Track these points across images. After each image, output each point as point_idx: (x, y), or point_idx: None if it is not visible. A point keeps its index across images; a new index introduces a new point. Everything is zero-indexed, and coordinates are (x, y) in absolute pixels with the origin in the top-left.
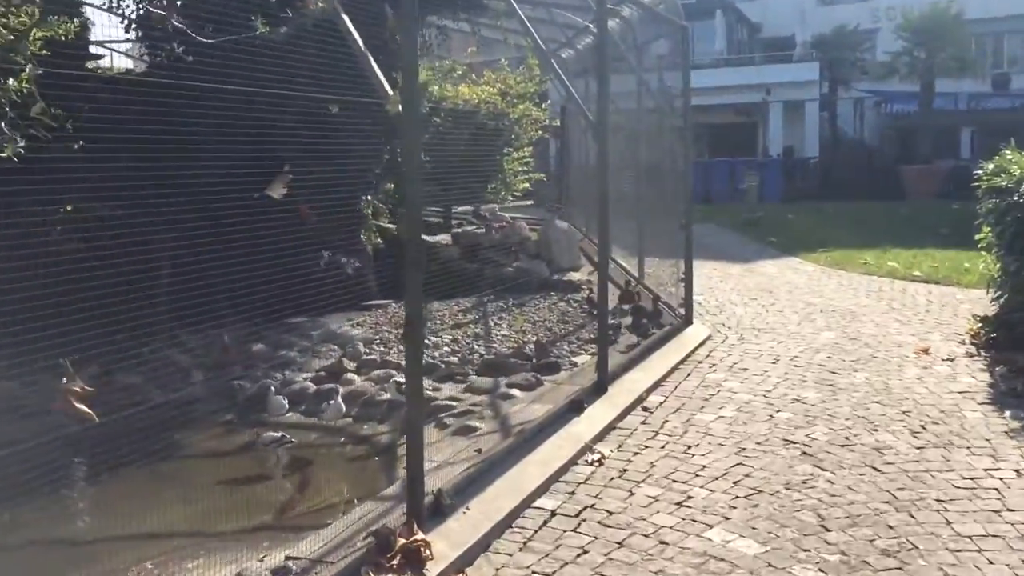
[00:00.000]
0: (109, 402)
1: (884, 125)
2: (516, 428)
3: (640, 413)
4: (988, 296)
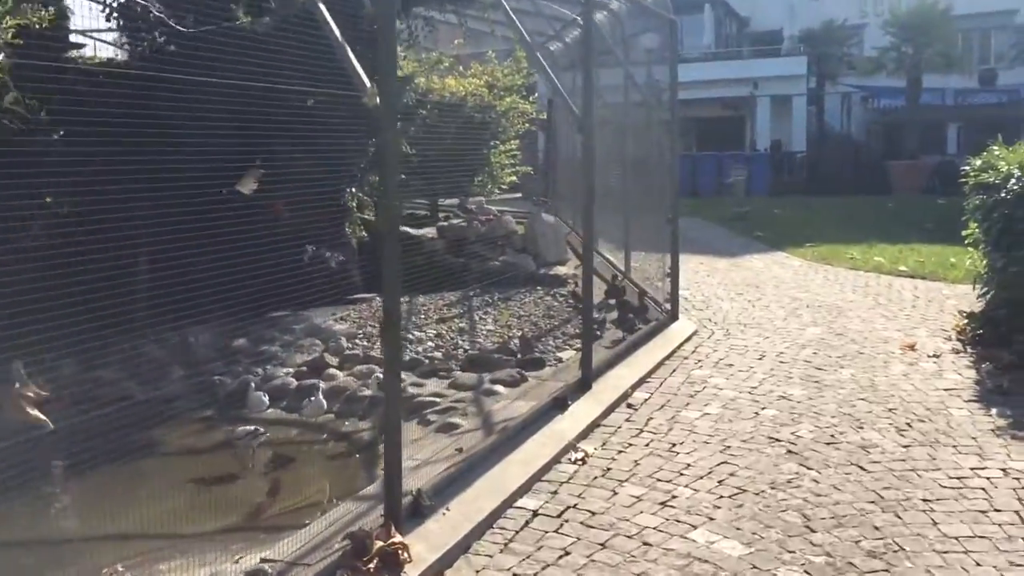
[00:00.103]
0: (84, 399)
1: (871, 120)
2: (499, 426)
3: (625, 410)
4: (974, 292)
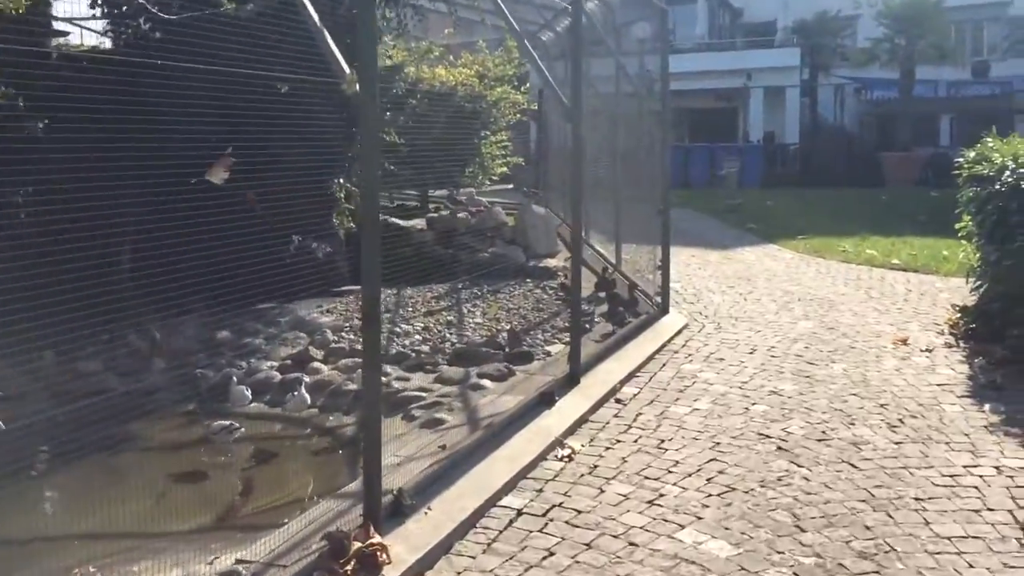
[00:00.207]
0: (63, 391)
1: (864, 112)
2: (485, 421)
3: (613, 405)
4: (967, 285)
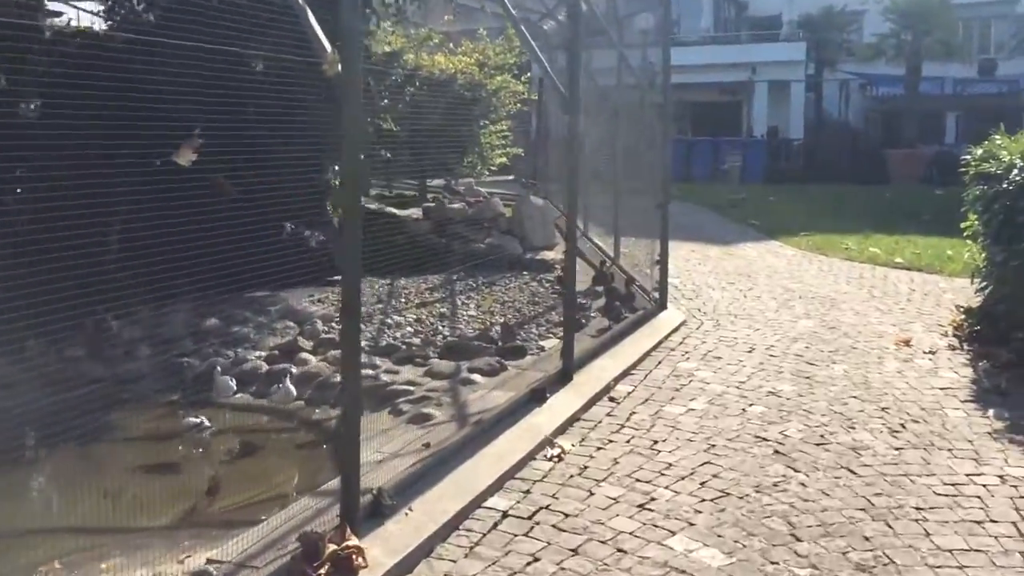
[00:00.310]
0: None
1: (869, 108)
2: (473, 418)
3: (606, 404)
4: (972, 286)
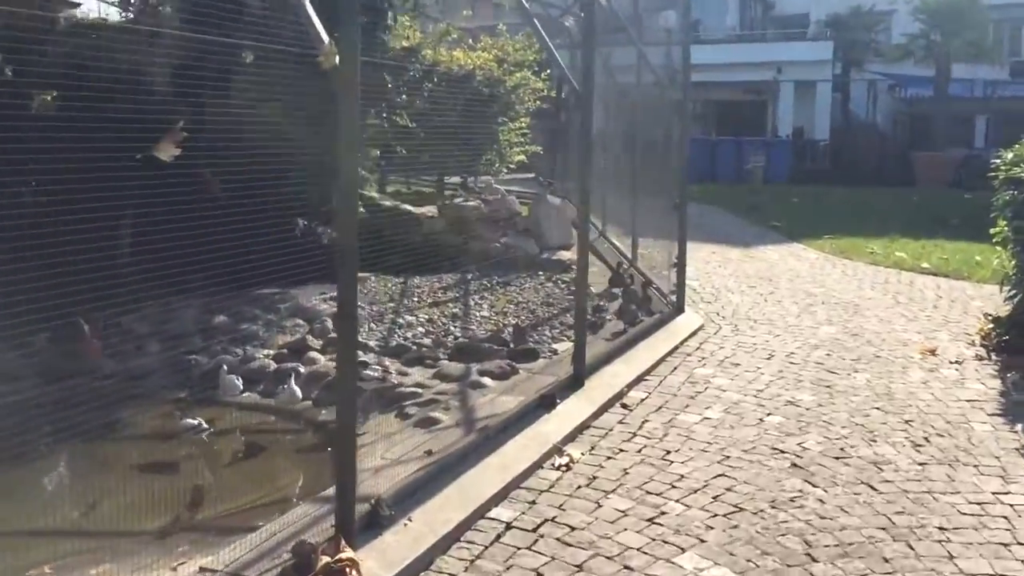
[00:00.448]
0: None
1: (897, 109)
2: (480, 423)
3: (618, 411)
4: (1001, 294)
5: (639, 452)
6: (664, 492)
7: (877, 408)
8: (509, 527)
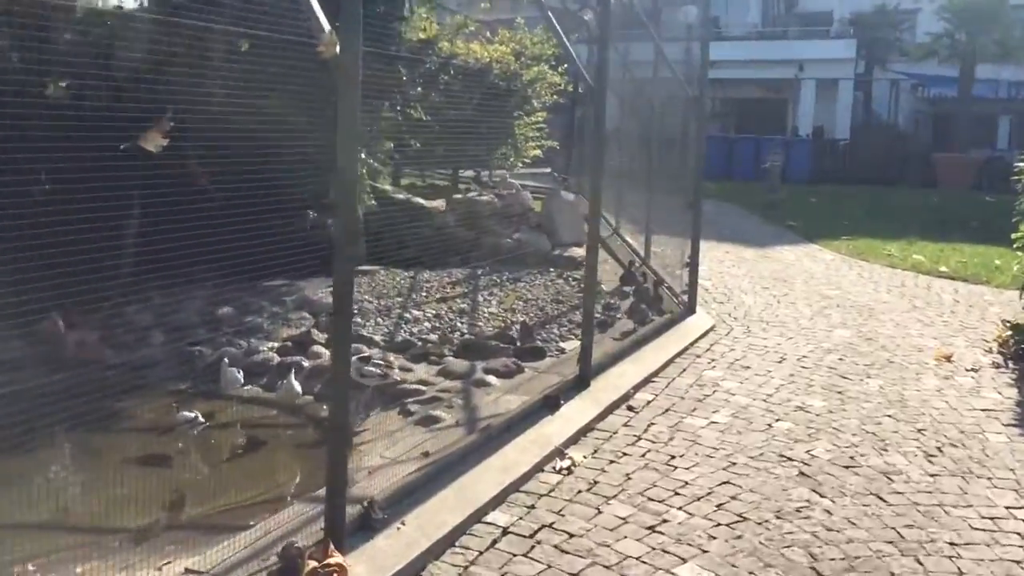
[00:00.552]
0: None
1: (919, 109)
2: (482, 423)
3: (624, 413)
4: (1021, 300)
5: (643, 456)
6: (667, 499)
7: (889, 416)
8: (506, 532)
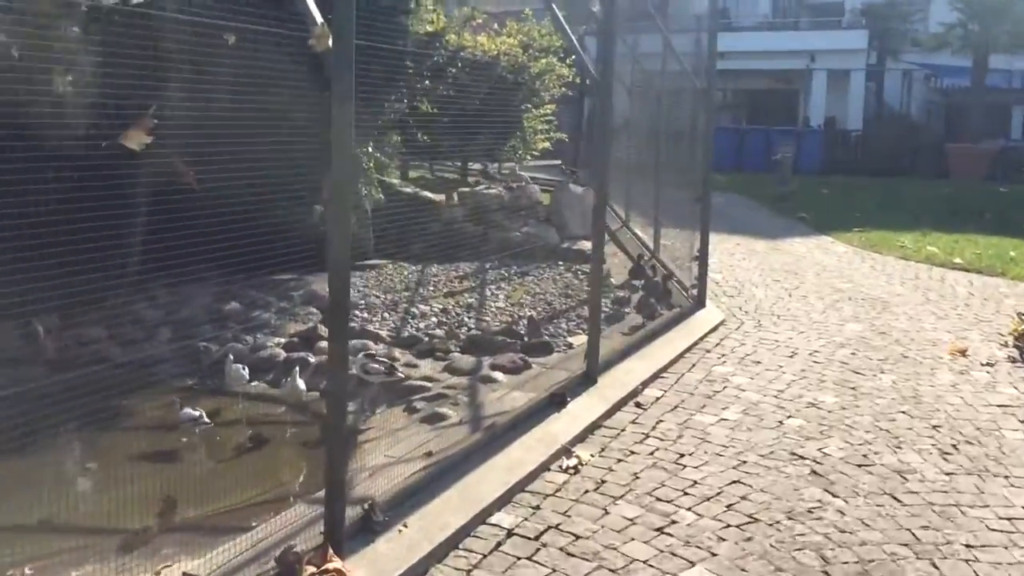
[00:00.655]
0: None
1: (932, 100)
2: (487, 421)
3: (632, 410)
4: None
5: (651, 455)
6: (675, 499)
7: (903, 412)
8: (511, 534)
